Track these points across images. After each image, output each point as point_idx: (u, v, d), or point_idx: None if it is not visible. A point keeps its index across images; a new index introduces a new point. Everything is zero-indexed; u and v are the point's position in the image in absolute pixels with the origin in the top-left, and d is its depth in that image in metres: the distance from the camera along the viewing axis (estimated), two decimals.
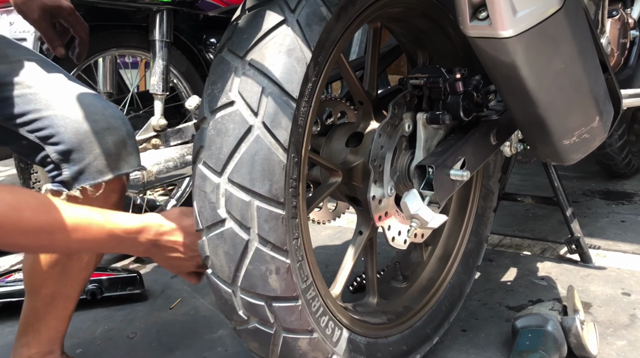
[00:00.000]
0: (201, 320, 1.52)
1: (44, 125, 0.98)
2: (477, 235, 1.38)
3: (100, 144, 0.99)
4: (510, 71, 0.91)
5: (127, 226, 0.92)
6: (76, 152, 0.98)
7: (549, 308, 1.26)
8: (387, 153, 1.06)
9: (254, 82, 0.84)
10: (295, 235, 0.90)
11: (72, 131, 0.98)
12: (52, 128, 0.98)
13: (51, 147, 0.98)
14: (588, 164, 2.65)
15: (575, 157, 1.15)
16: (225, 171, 0.84)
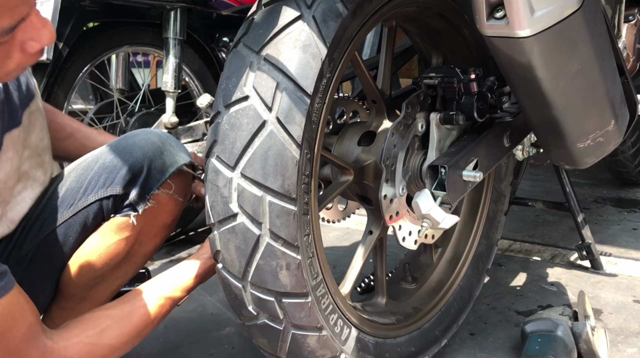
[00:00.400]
0: (208, 318, 1.52)
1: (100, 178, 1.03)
2: (488, 238, 1.37)
3: (149, 151, 1.02)
4: (526, 72, 0.91)
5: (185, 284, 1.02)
6: (135, 169, 1.01)
7: (559, 313, 1.25)
8: (400, 152, 1.05)
9: (268, 77, 0.83)
10: (307, 231, 0.89)
11: (123, 160, 1.02)
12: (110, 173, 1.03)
13: (113, 187, 1.02)
14: (600, 171, 2.63)
15: (589, 161, 1.14)
16: (238, 165, 0.84)
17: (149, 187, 1.01)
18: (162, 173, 1.02)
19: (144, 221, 1.04)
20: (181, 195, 1.07)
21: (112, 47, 1.88)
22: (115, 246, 1.03)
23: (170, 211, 1.06)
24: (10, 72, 0.80)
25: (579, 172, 2.68)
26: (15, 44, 0.76)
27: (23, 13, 0.73)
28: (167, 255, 1.96)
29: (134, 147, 1.03)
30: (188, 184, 1.09)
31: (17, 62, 0.78)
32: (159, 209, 1.04)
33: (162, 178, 1.02)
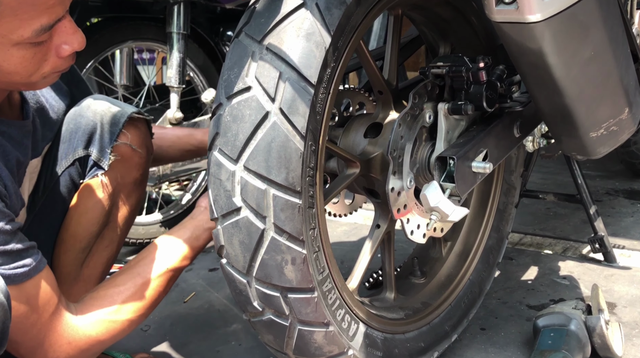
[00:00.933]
0: (215, 314, 1.51)
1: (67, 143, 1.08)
2: (498, 231, 1.35)
3: (97, 108, 1.07)
4: (537, 59, 0.88)
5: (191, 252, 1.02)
6: (89, 128, 1.06)
7: (572, 307, 1.22)
8: (407, 143, 1.03)
9: (271, 67, 0.81)
10: (312, 225, 0.87)
11: (76, 125, 1.07)
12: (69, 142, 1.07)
13: (74, 153, 1.08)
14: (611, 163, 2.59)
15: (602, 150, 1.11)
16: (241, 158, 0.82)
17: (108, 141, 1.06)
18: (115, 125, 1.06)
19: (114, 179, 1.07)
20: (141, 145, 1.10)
21: (116, 43, 1.87)
22: (93, 210, 1.07)
23: (136, 164, 1.10)
24: (46, 75, 0.86)
25: (590, 164, 2.64)
26: (52, 47, 0.83)
27: (59, 13, 0.79)
28: None
29: (83, 109, 1.07)
30: (145, 134, 1.12)
31: (52, 66, 0.85)
32: (125, 164, 1.08)
33: (116, 129, 1.06)
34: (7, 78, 0.83)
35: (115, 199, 1.10)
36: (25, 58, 0.80)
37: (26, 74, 0.83)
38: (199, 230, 1.02)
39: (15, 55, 0.79)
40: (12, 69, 0.81)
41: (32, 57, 0.81)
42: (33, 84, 0.86)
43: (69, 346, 0.89)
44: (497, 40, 1.18)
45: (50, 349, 0.87)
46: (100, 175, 1.06)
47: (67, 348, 0.89)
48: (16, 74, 0.82)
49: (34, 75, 0.84)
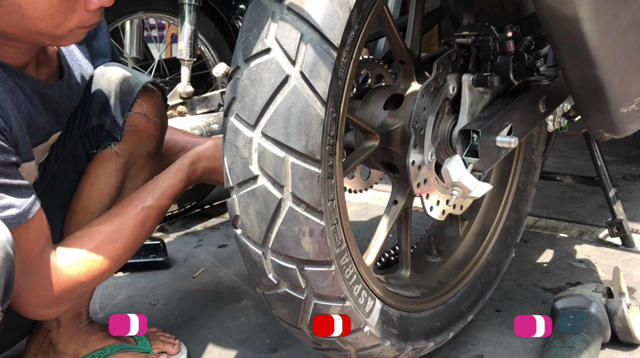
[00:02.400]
0: (224, 290, 1.48)
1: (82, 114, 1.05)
2: (517, 210, 1.31)
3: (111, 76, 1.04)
4: (571, 26, 0.83)
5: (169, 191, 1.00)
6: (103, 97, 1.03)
7: (592, 290, 1.19)
8: (430, 115, 0.99)
9: (292, 27, 0.77)
10: (331, 196, 0.84)
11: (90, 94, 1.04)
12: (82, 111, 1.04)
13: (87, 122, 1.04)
14: (628, 147, 2.54)
15: (631, 127, 1.06)
16: (259, 124, 0.79)
17: (121, 110, 1.03)
18: (129, 94, 1.03)
19: (127, 150, 1.05)
20: (156, 115, 1.07)
21: (126, 14, 1.82)
22: (105, 181, 1.04)
23: (150, 136, 1.07)
24: (72, 29, 0.84)
25: (606, 149, 2.58)
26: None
27: None
28: (182, 227, 1.93)
29: (97, 77, 1.04)
30: (160, 105, 1.08)
31: (79, 19, 0.83)
32: (139, 135, 1.05)
33: (130, 99, 1.03)
34: (33, 25, 0.80)
35: (128, 171, 1.07)
36: (52, 4, 0.78)
37: (52, 22, 0.80)
38: (177, 166, 1.01)
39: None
40: (39, 15, 0.78)
41: (59, 4, 0.79)
42: (58, 37, 0.84)
43: (52, 288, 0.87)
44: (524, 12, 1.13)
45: (35, 293, 0.86)
46: (113, 146, 1.03)
47: (50, 291, 0.87)
48: (42, 20, 0.79)
49: (60, 27, 0.81)
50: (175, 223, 1.97)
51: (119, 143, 1.03)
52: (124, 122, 1.02)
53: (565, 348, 1.04)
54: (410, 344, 1.02)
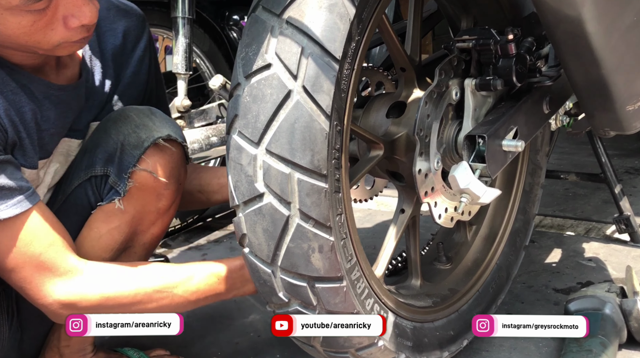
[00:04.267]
0: (232, 305, 1.46)
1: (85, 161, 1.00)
2: (525, 212, 1.29)
3: (122, 125, 0.97)
4: (574, 27, 0.82)
5: (230, 265, 0.99)
6: (110, 146, 0.96)
7: (605, 290, 1.17)
8: (434, 122, 0.97)
9: (292, 42, 0.76)
10: (339, 210, 0.82)
11: (99, 139, 0.98)
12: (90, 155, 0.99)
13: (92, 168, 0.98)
14: (628, 141, 2.53)
15: (638, 125, 1.05)
16: (262, 141, 0.77)
17: (126, 165, 0.94)
18: (137, 148, 0.94)
19: (133, 207, 0.96)
20: (167, 174, 0.96)
21: None
22: (107, 237, 0.97)
23: (159, 194, 0.97)
24: (57, 44, 0.81)
25: (607, 143, 2.55)
26: (58, 17, 0.78)
27: None
28: (185, 242, 1.91)
29: (108, 124, 0.97)
30: (174, 163, 0.98)
31: (61, 36, 0.80)
32: (146, 193, 0.96)
33: (137, 153, 0.93)
34: (13, 41, 0.78)
35: (136, 226, 0.99)
36: (22, 24, 0.76)
37: (31, 40, 0.78)
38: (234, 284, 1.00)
39: (11, 20, 0.75)
40: (12, 33, 0.77)
41: (31, 25, 0.76)
42: (48, 50, 0.82)
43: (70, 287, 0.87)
44: (523, 12, 1.12)
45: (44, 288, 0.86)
46: (117, 201, 0.95)
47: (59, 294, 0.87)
48: (19, 38, 0.77)
49: (43, 43, 0.80)
50: (178, 237, 1.95)
51: (124, 198, 0.95)
52: (128, 178, 0.94)
53: (582, 352, 1.02)
54: (425, 355, 1.00)
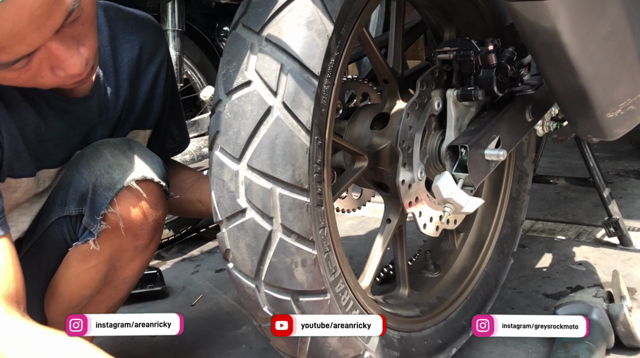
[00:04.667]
0: (224, 317, 1.47)
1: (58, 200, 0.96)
2: (512, 219, 1.30)
3: (95, 166, 0.92)
4: (551, 38, 0.83)
5: None
6: (82, 187, 0.92)
7: (592, 295, 1.18)
8: (416, 133, 0.98)
9: (271, 59, 0.77)
10: (322, 223, 0.83)
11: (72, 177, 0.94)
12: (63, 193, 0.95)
13: (67, 206, 0.94)
14: (619, 143, 2.54)
15: (619, 131, 1.06)
16: (244, 157, 0.78)
17: (98, 207, 0.90)
18: (109, 189, 0.90)
19: (109, 246, 0.94)
20: (140, 216, 0.93)
21: None
22: (85, 275, 0.95)
23: (135, 234, 0.94)
24: (54, 85, 0.80)
25: (598, 145, 2.59)
26: (44, 68, 0.76)
27: (34, 45, 0.72)
28: (178, 253, 1.91)
29: (82, 162, 0.93)
30: (149, 204, 0.94)
31: (53, 81, 0.79)
32: (122, 233, 0.93)
33: (109, 195, 0.90)
34: (11, 82, 0.78)
35: (114, 263, 0.98)
36: (8, 78, 0.75)
37: (26, 85, 0.78)
38: None
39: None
40: (3, 82, 0.76)
41: (17, 77, 0.76)
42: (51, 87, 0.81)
43: None
44: (505, 22, 1.13)
45: None
46: (92, 242, 0.91)
47: None
48: (12, 82, 0.76)
49: (39, 85, 0.79)
50: (171, 248, 1.96)
51: (99, 239, 0.91)
52: (100, 220, 0.90)
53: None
54: None
